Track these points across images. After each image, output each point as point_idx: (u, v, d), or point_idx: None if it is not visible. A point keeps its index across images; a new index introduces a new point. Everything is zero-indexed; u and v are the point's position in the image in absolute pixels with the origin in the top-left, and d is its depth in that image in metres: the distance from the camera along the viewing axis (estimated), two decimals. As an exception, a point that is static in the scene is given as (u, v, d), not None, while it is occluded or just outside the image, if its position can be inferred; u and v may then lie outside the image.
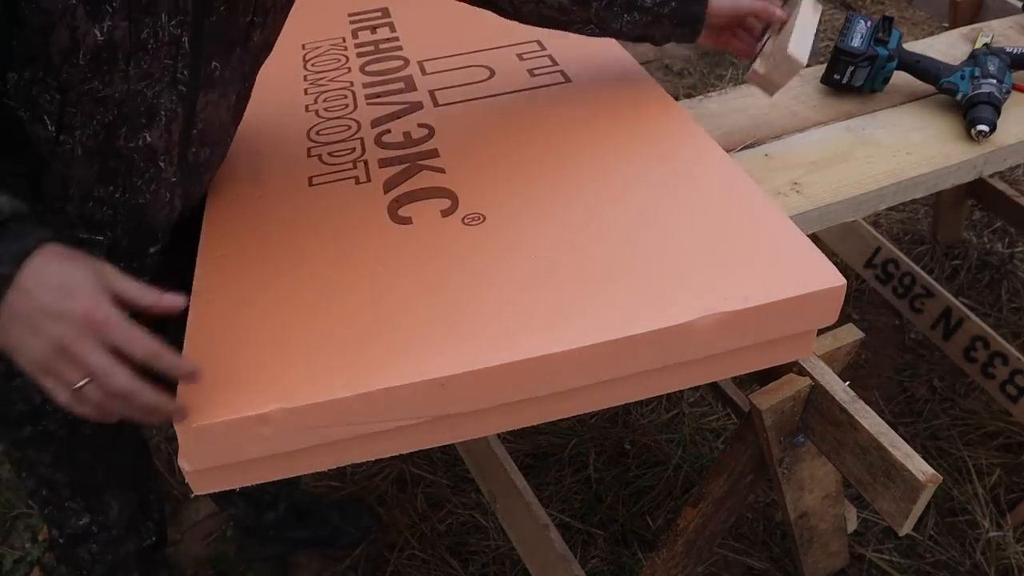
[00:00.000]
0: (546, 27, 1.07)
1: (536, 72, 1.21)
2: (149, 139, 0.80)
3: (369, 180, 1.01)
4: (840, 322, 0.87)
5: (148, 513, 1.20)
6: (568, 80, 1.19)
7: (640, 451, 1.78)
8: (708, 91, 2.04)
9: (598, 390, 0.81)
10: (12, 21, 0.66)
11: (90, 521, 1.12)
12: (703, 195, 0.94)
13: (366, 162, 1.05)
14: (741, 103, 1.32)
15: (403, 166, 1.03)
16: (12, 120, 0.73)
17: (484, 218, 0.93)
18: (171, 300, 0.68)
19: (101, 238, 0.84)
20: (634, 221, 0.91)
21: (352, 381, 0.73)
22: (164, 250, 0.93)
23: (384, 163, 1.04)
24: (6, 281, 0.62)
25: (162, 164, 0.83)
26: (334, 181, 1.02)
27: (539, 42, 1.29)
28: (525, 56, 1.26)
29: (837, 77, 1.31)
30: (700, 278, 0.82)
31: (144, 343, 0.65)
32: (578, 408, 0.83)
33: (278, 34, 0.93)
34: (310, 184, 1.02)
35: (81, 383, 0.64)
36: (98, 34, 0.69)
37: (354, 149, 1.08)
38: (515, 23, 1.07)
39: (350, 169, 1.04)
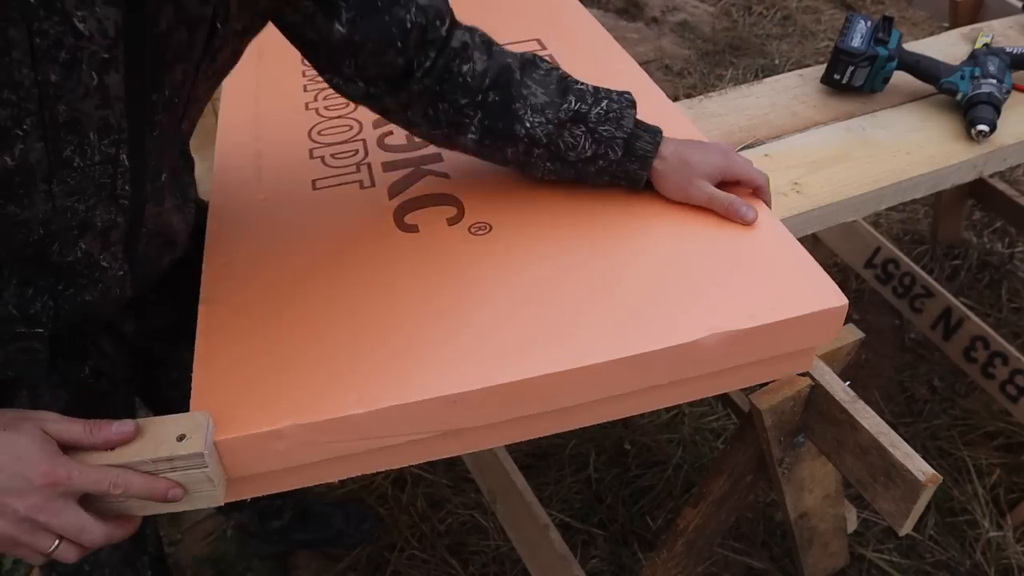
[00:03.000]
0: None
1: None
2: (85, 247, 0.74)
3: (373, 185, 1.01)
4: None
5: (143, 547, 1.15)
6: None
7: (640, 451, 1.78)
8: (708, 91, 2.04)
9: (604, 404, 0.82)
10: None
11: (82, 561, 1.09)
12: (709, 211, 0.94)
13: (369, 165, 1.05)
14: (741, 103, 1.32)
15: (407, 170, 1.03)
16: None
17: (490, 228, 0.93)
18: (120, 431, 0.66)
19: (41, 330, 0.76)
20: (640, 236, 0.91)
21: (364, 397, 0.74)
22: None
23: (388, 167, 1.04)
24: None
25: (105, 264, 0.76)
26: (338, 185, 1.01)
27: (539, 40, 1.29)
28: (527, 55, 1.26)
29: (837, 77, 1.31)
30: (706, 296, 0.82)
31: (110, 476, 0.64)
32: (584, 421, 0.84)
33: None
34: (314, 188, 1.01)
35: (53, 547, 0.63)
36: (8, 160, 0.62)
37: (357, 151, 1.07)
38: (515, 18, 1.05)
39: (354, 173, 1.03)
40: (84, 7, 0.59)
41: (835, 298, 0.81)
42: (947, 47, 1.46)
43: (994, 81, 1.25)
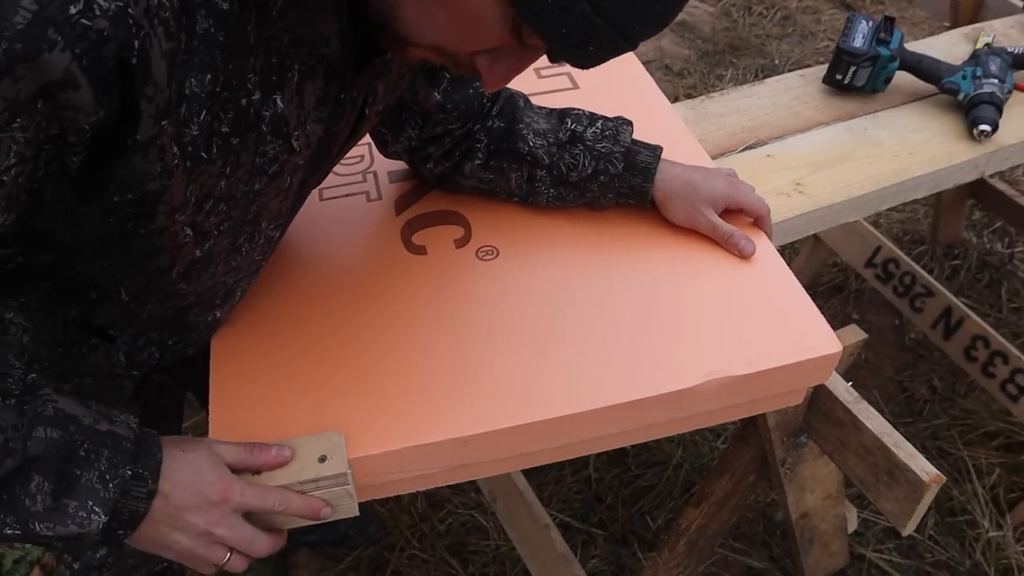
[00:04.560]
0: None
1: (544, 73, 1.20)
2: (219, 315, 0.82)
3: (380, 197, 1.01)
4: (840, 322, 0.87)
5: None
6: (575, 86, 1.18)
7: (640, 451, 1.78)
8: (708, 91, 2.04)
9: (603, 440, 0.84)
10: (119, 239, 0.65)
11: (107, 553, 1.13)
12: (709, 247, 0.94)
13: (375, 174, 1.04)
14: (743, 103, 1.32)
15: (413, 181, 1.03)
16: (85, 278, 0.71)
17: (497, 253, 0.94)
18: (279, 455, 0.72)
19: (136, 373, 0.82)
20: (643, 269, 0.92)
21: (379, 439, 0.76)
22: None
23: (394, 177, 1.04)
24: (153, 494, 0.65)
25: (222, 320, 0.85)
26: (345, 196, 1.01)
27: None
28: (531, 53, 1.25)
29: (839, 77, 1.31)
30: (705, 339, 0.84)
31: (273, 498, 0.70)
32: (584, 452, 0.86)
33: None
34: (320, 198, 1.01)
35: (226, 558, 0.69)
36: (198, 252, 0.69)
37: (363, 157, 1.07)
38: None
39: (360, 183, 1.03)
40: (299, 128, 0.66)
41: (830, 344, 0.83)
42: (948, 47, 1.46)
43: (996, 81, 1.25)
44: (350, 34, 0.63)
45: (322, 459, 0.72)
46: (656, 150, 0.93)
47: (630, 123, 0.95)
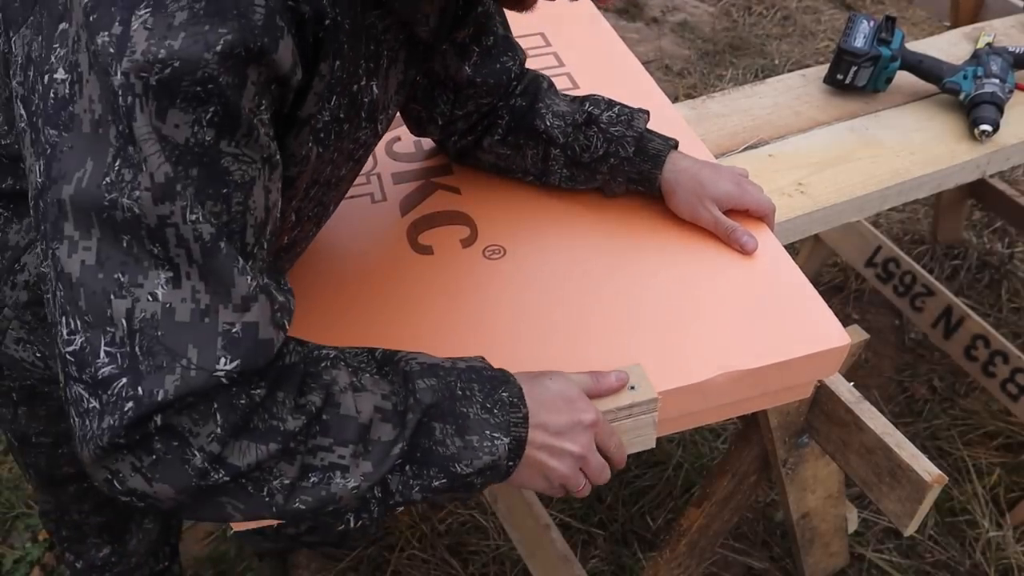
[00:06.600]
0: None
1: (545, 73, 1.20)
2: None
3: (385, 199, 1.01)
4: (841, 322, 0.88)
5: (168, 537, 1.20)
6: (576, 87, 1.18)
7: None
8: (709, 91, 2.04)
9: None
10: None
11: (110, 552, 1.14)
12: (716, 244, 0.94)
13: (379, 175, 1.04)
14: (744, 103, 1.32)
15: (418, 183, 1.03)
16: None
17: (504, 251, 0.94)
18: (619, 379, 0.74)
19: None
20: (650, 266, 0.92)
21: None
22: None
23: (398, 179, 1.03)
24: (526, 418, 0.65)
25: None
26: (350, 197, 1.00)
27: (543, 35, 1.29)
28: (531, 53, 1.25)
29: (840, 77, 1.31)
30: (716, 334, 0.84)
31: (616, 438, 0.72)
32: None
33: None
34: None
35: (582, 486, 0.71)
36: (286, 239, 0.71)
37: None
38: (516, 13, 1.07)
39: (364, 184, 1.03)
40: (383, 112, 0.69)
41: (838, 337, 0.84)
42: (949, 47, 1.46)
43: (997, 81, 1.25)
44: (450, 10, 0.66)
45: (632, 388, 0.74)
46: (670, 141, 0.95)
47: (647, 112, 0.97)
